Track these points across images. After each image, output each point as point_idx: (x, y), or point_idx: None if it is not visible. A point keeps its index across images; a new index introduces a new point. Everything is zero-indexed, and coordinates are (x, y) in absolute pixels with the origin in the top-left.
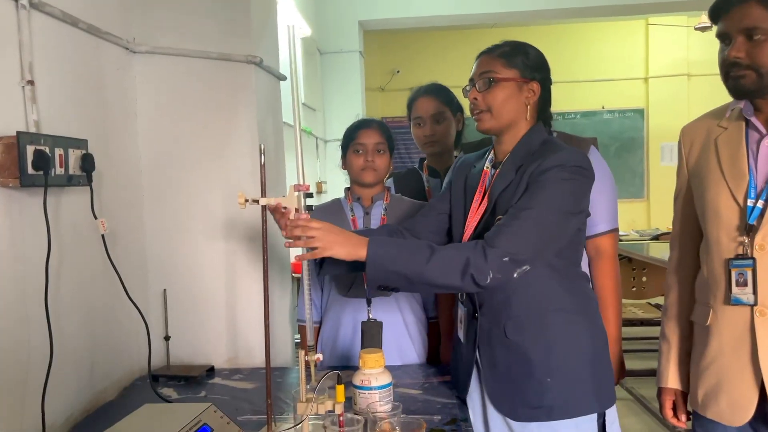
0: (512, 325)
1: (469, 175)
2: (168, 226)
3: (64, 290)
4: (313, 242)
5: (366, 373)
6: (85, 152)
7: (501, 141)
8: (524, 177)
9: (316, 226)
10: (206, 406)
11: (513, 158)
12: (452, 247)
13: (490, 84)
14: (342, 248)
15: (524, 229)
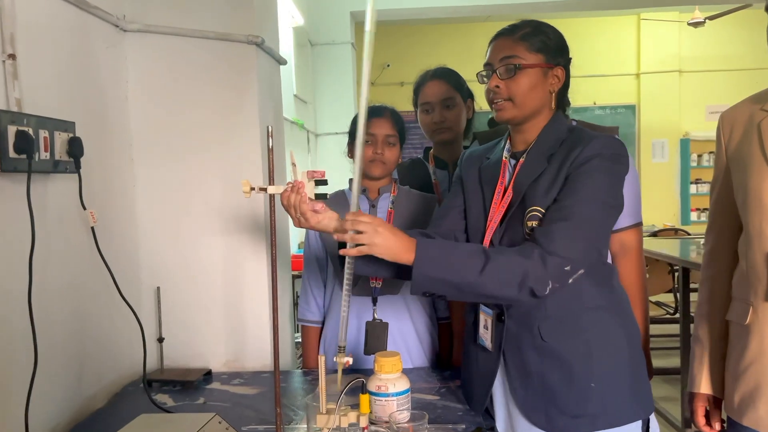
0: (547, 326)
1: (483, 167)
2: (162, 219)
3: (49, 287)
4: (361, 238)
5: (383, 378)
6: (72, 136)
7: (521, 130)
8: (563, 166)
9: (366, 221)
10: (210, 417)
11: (539, 147)
12: (507, 255)
13: (515, 71)
14: (389, 248)
15: (579, 232)
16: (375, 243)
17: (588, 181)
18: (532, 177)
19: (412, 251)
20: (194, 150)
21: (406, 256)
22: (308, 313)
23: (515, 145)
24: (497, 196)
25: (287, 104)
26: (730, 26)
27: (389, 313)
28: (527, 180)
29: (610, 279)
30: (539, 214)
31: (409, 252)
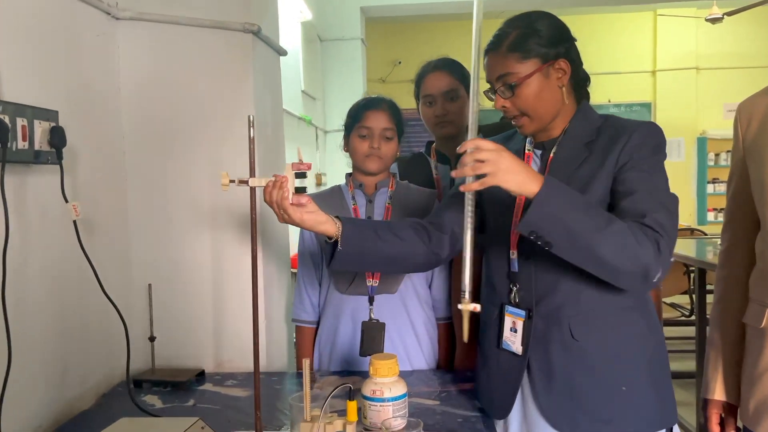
0: (579, 324)
1: None
2: (154, 214)
3: (28, 283)
4: (484, 167)
5: (378, 382)
6: (54, 125)
7: (548, 129)
8: (610, 152)
9: (489, 147)
10: (193, 421)
11: (574, 136)
12: (630, 226)
13: (513, 88)
14: (515, 176)
15: (675, 222)
16: (500, 169)
17: (655, 171)
18: (572, 166)
19: (539, 182)
20: (188, 142)
21: (530, 186)
22: (302, 312)
23: (538, 138)
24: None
25: (295, 100)
26: (749, 23)
27: (386, 313)
28: (567, 169)
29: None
30: None
31: (535, 182)
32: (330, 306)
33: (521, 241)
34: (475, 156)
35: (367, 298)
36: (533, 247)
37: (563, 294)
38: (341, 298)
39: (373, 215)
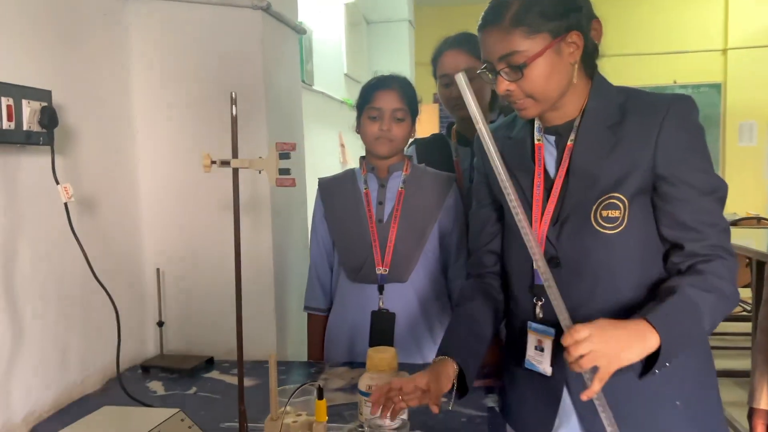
0: None
1: (506, 149)
2: (165, 197)
3: (23, 268)
4: (592, 360)
5: (374, 377)
6: (45, 105)
7: (555, 108)
8: (644, 136)
9: (584, 334)
10: (172, 413)
11: (593, 118)
12: (715, 295)
13: (521, 69)
14: (629, 351)
15: (727, 225)
16: (610, 355)
17: (699, 158)
18: (599, 155)
19: (651, 333)
20: (199, 124)
21: (648, 344)
22: (313, 300)
23: (548, 121)
24: (536, 190)
25: (337, 84)
26: None
27: (397, 303)
28: (593, 159)
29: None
30: (619, 203)
31: (649, 336)
32: (340, 294)
33: (549, 246)
34: (577, 352)
35: (377, 287)
36: (562, 252)
37: (601, 302)
38: (351, 287)
39: (385, 200)
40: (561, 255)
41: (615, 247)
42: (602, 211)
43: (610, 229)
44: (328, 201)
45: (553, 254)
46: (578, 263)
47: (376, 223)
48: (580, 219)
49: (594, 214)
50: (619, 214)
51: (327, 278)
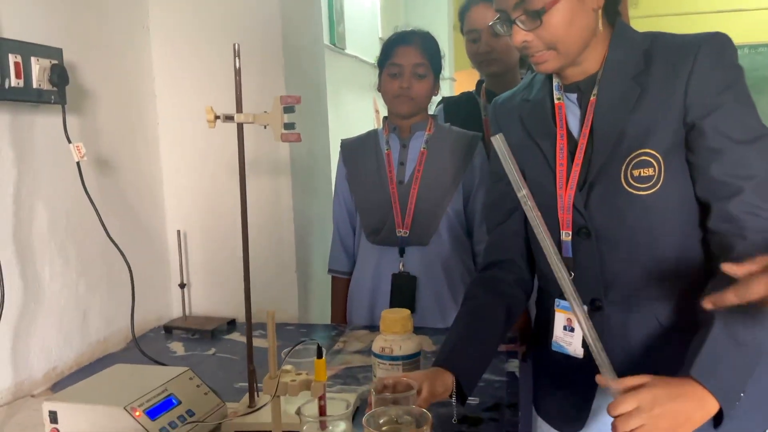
0: (666, 307)
1: (525, 115)
2: (187, 158)
3: (40, 227)
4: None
5: (387, 339)
6: (55, 63)
7: (576, 62)
8: (673, 83)
9: (631, 403)
10: (181, 371)
11: (616, 69)
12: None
13: (539, 15)
14: (692, 420)
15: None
16: (666, 428)
17: (739, 108)
18: (624, 109)
19: (711, 398)
20: (219, 83)
21: (707, 410)
22: (336, 263)
23: (568, 77)
24: (559, 152)
25: (371, 48)
26: None
27: (418, 266)
28: (618, 114)
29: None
30: (652, 160)
31: (709, 402)
32: (361, 257)
33: (576, 215)
34: (625, 427)
35: (397, 250)
36: (591, 220)
37: (640, 272)
38: (372, 249)
39: (407, 161)
40: (590, 223)
41: (651, 209)
42: (633, 171)
43: (644, 189)
44: (350, 162)
45: (581, 224)
46: (611, 231)
47: (397, 184)
48: (609, 181)
49: (624, 175)
50: (653, 173)
51: (350, 241)
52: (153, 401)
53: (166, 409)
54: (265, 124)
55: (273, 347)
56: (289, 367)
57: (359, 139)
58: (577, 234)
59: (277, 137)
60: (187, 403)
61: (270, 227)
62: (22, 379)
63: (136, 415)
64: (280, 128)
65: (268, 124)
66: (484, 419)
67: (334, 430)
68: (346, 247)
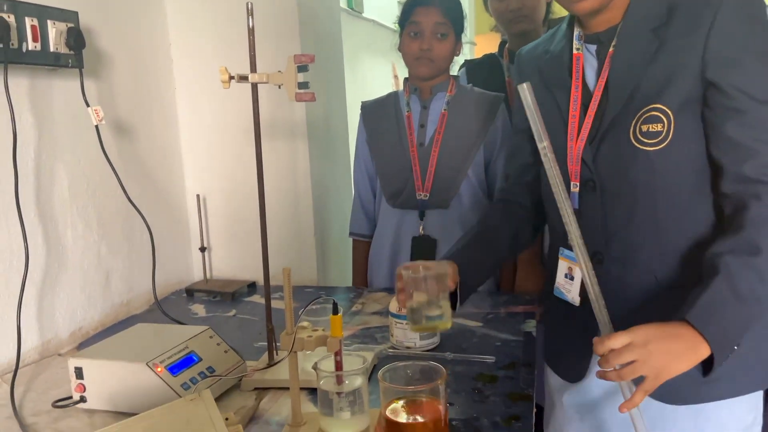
0: (663, 265)
1: (543, 65)
2: (204, 122)
3: (61, 190)
4: (636, 370)
5: None
6: (72, 26)
7: (603, 10)
8: (692, 37)
9: (623, 341)
10: (202, 330)
11: (635, 20)
12: (755, 251)
13: None
14: (678, 361)
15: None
16: (657, 366)
17: (763, 65)
18: (640, 62)
19: (703, 342)
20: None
21: (699, 353)
22: (356, 226)
23: (591, 27)
24: (573, 104)
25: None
26: None
27: (439, 229)
28: (633, 67)
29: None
30: (662, 116)
31: (698, 344)
32: (382, 220)
33: (584, 167)
34: (618, 360)
35: (417, 213)
36: (598, 173)
37: (636, 230)
38: (392, 212)
39: (427, 123)
40: (596, 176)
41: (655, 165)
42: (642, 126)
43: (651, 145)
44: (370, 125)
45: (588, 176)
46: (615, 184)
47: (417, 147)
48: (619, 135)
49: (633, 129)
50: (662, 128)
51: (370, 204)
52: (174, 358)
53: (187, 365)
54: (279, 83)
55: (289, 303)
56: (306, 324)
57: (379, 101)
58: (584, 187)
59: (291, 97)
60: (208, 360)
61: (288, 191)
62: (49, 339)
63: (158, 371)
64: (294, 87)
65: (282, 84)
66: (500, 377)
67: (350, 384)
68: (366, 211)
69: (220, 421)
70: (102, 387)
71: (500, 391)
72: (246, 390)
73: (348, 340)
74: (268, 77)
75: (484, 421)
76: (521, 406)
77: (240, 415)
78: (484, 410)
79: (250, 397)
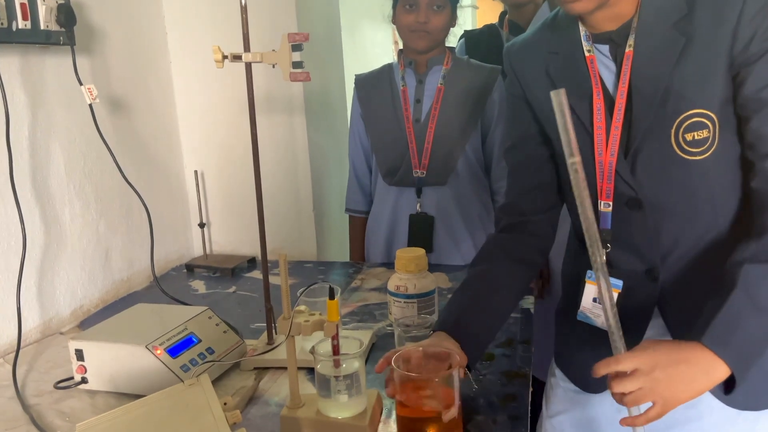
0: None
1: (554, 72)
2: (201, 97)
3: (57, 169)
4: (643, 397)
5: (402, 278)
6: (62, 2)
7: (609, 5)
8: (720, 31)
9: (629, 364)
10: (201, 311)
11: (653, 14)
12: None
13: None
14: (689, 387)
15: None
16: (665, 397)
17: None
18: (667, 63)
19: (722, 364)
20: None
21: (715, 375)
22: (353, 202)
23: (598, 25)
24: (597, 115)
25: None
26: None
27: (436, 206)
28: (660, 69)
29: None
30: (707, 121)
31: (719, 367)
32: (378, 196)
33: (621, 184)
34: (621, 389)
35: (414, 191)
36: (642, 190)
37: (700, 241)
38: (389, 190)
39: (423, 97)
40: (640, 193)
41: (710, 173)
42: (686, 135)
43: (700, 153)
44: (365, 100)
45: (630, 195)
46: (666, 200)
47: (413, 123)
48: (658, 146)
49: (676, 138)
50: (709, 134)
51: (366, 180)
52: (174, 340)
53: (186, 347)
54: (274, 63)
55: (286, 289)
56: (303, 308)
57: (373, 75)
58: (626, 206)
59: (285, 77)
60: (207, 341)
61: (286, 166)
62: (50, 317)
63: (158, 354)
64: (289, 67)
65: (276, 63)
66: (497, 355)
67: (347, 368)
68: (362, 186)
69: (217, 407)
70: (102, 369)
71: (496, 370)
72: (245, 370)
73: (347, 317)
74: (261, 56)
75: (480, 400)
76: (517, 385)
77: (239, 395)
78: (480, 389)
79: (250, 376)
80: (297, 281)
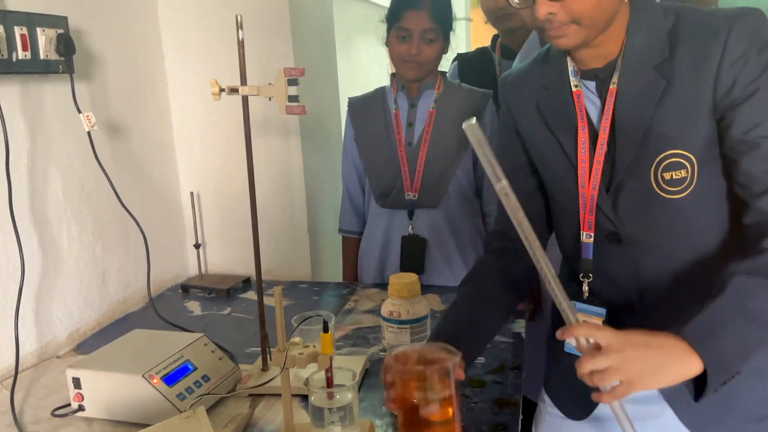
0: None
1: (543, 105)
2: (198, 120)
3: (55, 195)
4: (610, 376)
5: (395, 303)
6: (61, 32)
7: (593, 44)
8: (702, 73)
9: (604, 337)
10: (196, 338)
11: (636, 55)
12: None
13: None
14: (659, 374)
15: None
16: (635, 374)
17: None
18: (649, 103)
19: (695, 357)
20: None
21: (688, 368)
22: (346, 223)
23: (585, 62)
24: (581, 148)
25: None
26: None
27: (428, 228)
28: (643, 110)
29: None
30: (685, 161)
31: (693, 361)
32: (371, 218)
33: (601, 217)
34: (591, 365)
35: (406, 213)
36: (623, 226)
37: (680, 276)
38: (381, 212)
39: (415, 121)
40: (621, 228)
41: (687, 212)
42: (664, 174)
43: (678, 192)
44: (358, 123)
45: (611, 229)
46: (645, 237)
47: (406, 146)
48: (638, 184)
49: (655, 176)
50: (686, 174)
51: (360, 201)
52: (170, 368)
53: (182, 375)
54: (270, 96)
55: (281, 322)
56: (298, 339)
57: (366, 98)
58: (606, 239)
59: (282, 110)
60: (203, 368)
61: (281, 187)
62: (47, 341)
63: (154, 383)
64: (285, 101)
65: (272, 97)
66: (488, 382)
67: (340, 399)
68: (355, 207)
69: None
70: (99, 396)
71: (488, 397)
72: (241, 396)
73: (341, 341)
74: (258, 90)
75: (471, 430)
76: (508, 413)
77: (235, 423)
78: (471, 418)
79: (245, 403)
80: (292, 302)
